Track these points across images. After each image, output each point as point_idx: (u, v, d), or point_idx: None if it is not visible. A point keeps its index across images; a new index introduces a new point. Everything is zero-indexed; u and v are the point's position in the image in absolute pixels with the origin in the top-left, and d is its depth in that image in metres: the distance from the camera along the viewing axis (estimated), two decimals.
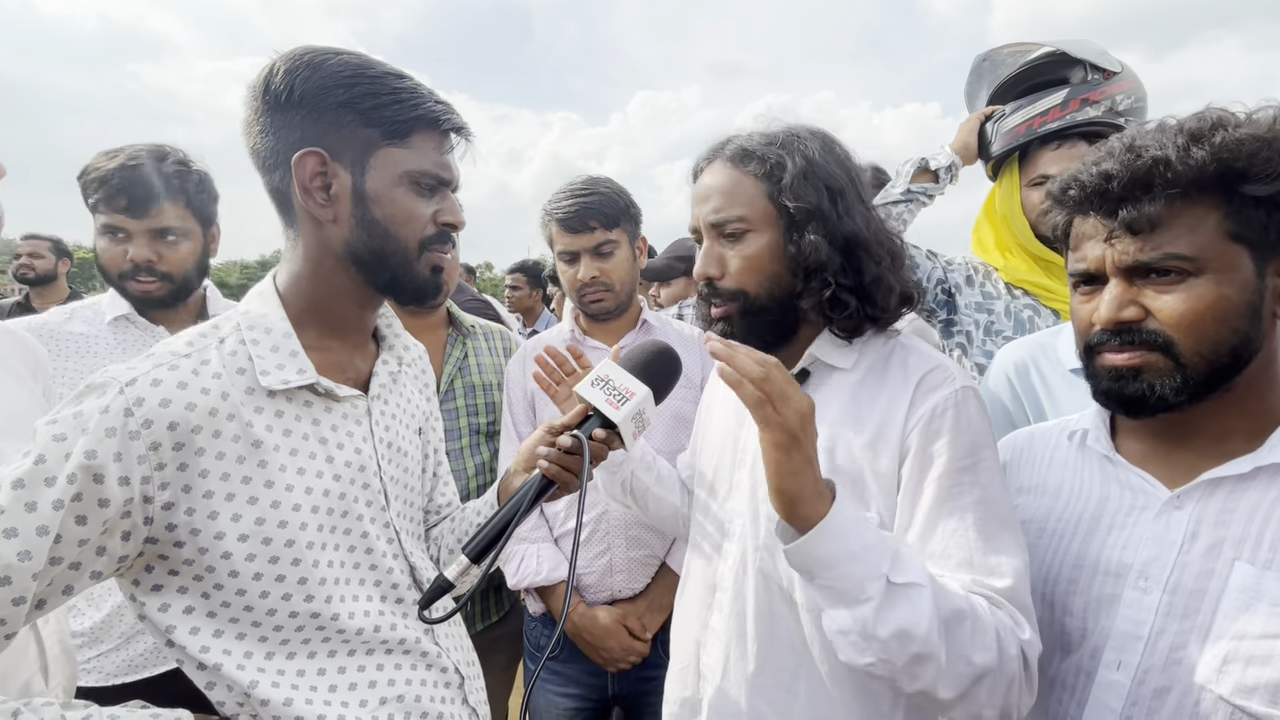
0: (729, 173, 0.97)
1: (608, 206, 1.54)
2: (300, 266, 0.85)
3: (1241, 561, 0.72)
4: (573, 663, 1.53)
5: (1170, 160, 0.70)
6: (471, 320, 1.76)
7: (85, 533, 0.67)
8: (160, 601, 0.74)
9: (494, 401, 1.68)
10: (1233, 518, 0.74)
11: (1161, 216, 0.72)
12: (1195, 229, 0.71)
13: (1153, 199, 0.71)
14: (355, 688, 0.81)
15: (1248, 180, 0.69)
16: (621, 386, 0.91)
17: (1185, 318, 0.72)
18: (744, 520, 1.00)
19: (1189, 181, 0.70)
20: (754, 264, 0.96)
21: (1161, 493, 0.79)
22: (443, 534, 1.07)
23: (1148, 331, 0.75)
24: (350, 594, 0.82)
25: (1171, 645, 0.74)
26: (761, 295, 0.96)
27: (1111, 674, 0.78)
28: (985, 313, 1.60)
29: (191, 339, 0.79)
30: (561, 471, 0.89)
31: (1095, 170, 0.76)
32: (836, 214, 0.93)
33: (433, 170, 0.84)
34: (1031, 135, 1.50)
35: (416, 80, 0.84)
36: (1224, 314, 0.71)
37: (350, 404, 0.87)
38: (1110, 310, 0.76)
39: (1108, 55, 1.50)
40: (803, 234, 0.93)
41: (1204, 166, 0.69)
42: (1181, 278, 0.72)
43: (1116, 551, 0.81)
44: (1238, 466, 0.74)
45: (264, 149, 0.81)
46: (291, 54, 0.80)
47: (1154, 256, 0.73)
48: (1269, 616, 0.68)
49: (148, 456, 0.69)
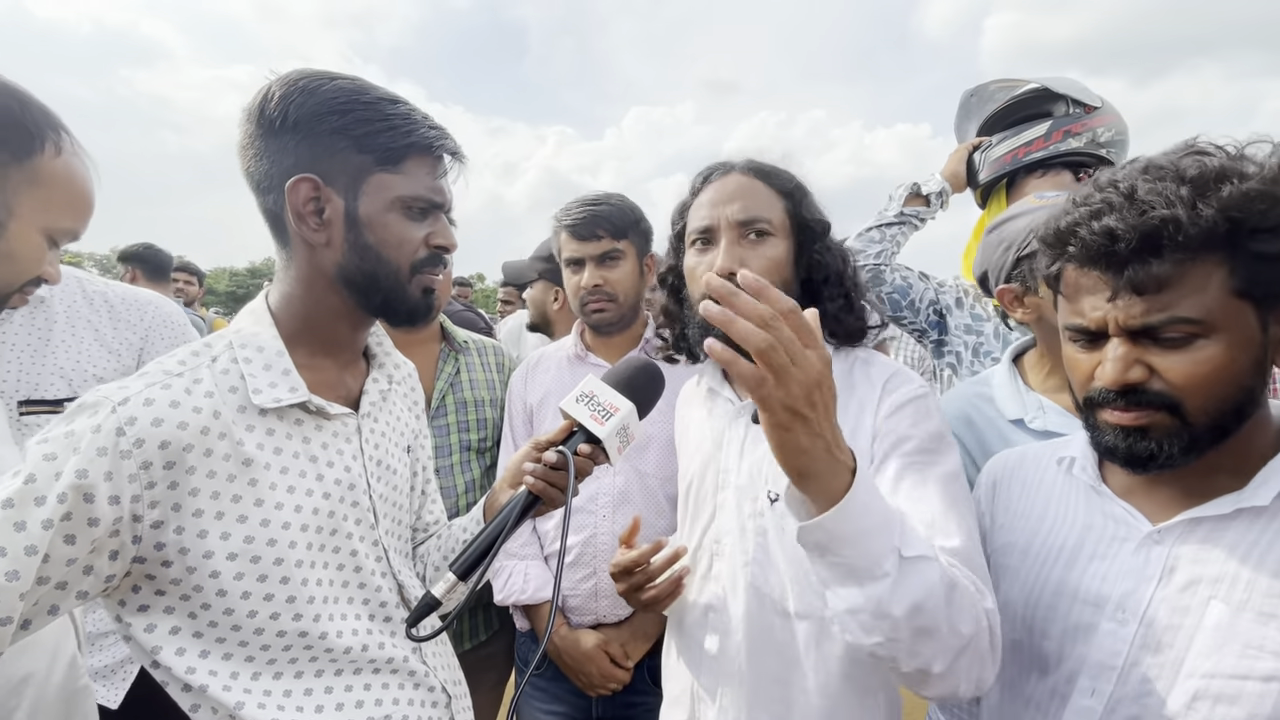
0: (750, 181, 1.04)
1: (617, 217, 1.55)
2: (293, 287, 0.86)
3: (1217, 600, 0.72)
4: (559, 680, 1.52)
5: (1181, 221, 0.67)
6: (465, 335, 1.75)
7: (74, 552, 0.67)
8: (146, 622, 0.74)
9: (486, 418, 1.67)
10: (1211, 557, 0.74)
11: (1169, 277, 0.68)
12: (1203, 288, 0.68)
13: (1161, 260, 0.68)
14: (342, 707, 0.81)
15: (1256, 237, 0.67)
16: (606, 402, 0.92)
17: (1193, 380, 0.70)
18: (732, 539, 1.01)
19: (1199, 241, 0.67)
20: (775, 266, 1.01)
21: (1143, 526, 0.80)
22: (429, 551, 1.07)
23: (1154, 393, 0.72)
24: (338, 612, 0.83)
25: (1144, 677, 0.75)
26: None
27: (1085, 700, 0.79)
28: (974, 334, 1.64)
29: (184, 358, 0.79)
30: (547, 487, 0.89)
31: (1098, 226, 0.71)
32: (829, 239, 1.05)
33: (425, 195, 0.85)
34: (1017, 164, 1.57)
35: (411, 105, 0.85)
36: (1232, 375, 0.70)
37: (341, 422, 0.87)
38: (1117, 373, 0.73)
39: (1089, 91, 1.57)
40: (814, 248, 1.02)
41: (1215, 226, 0.66)
42: (1188, 340, 0.70)
43: (1096, 582, 0.81)
44: (1219, 507, 0.74)
45: (258, 173, 0.82)
46: (286, 79, 0.81)
47: (1161, 319, 0.69)
48: (1240, 657, 0.69)
49: (138, 475, 0.69)
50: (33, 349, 1.30)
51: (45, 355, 1.30)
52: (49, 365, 1.30)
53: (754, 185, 1.03)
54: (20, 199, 0.95)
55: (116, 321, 1.40)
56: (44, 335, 1.31)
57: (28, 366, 1.28)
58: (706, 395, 1.16)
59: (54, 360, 1.31)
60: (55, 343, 1.32)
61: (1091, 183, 0.77)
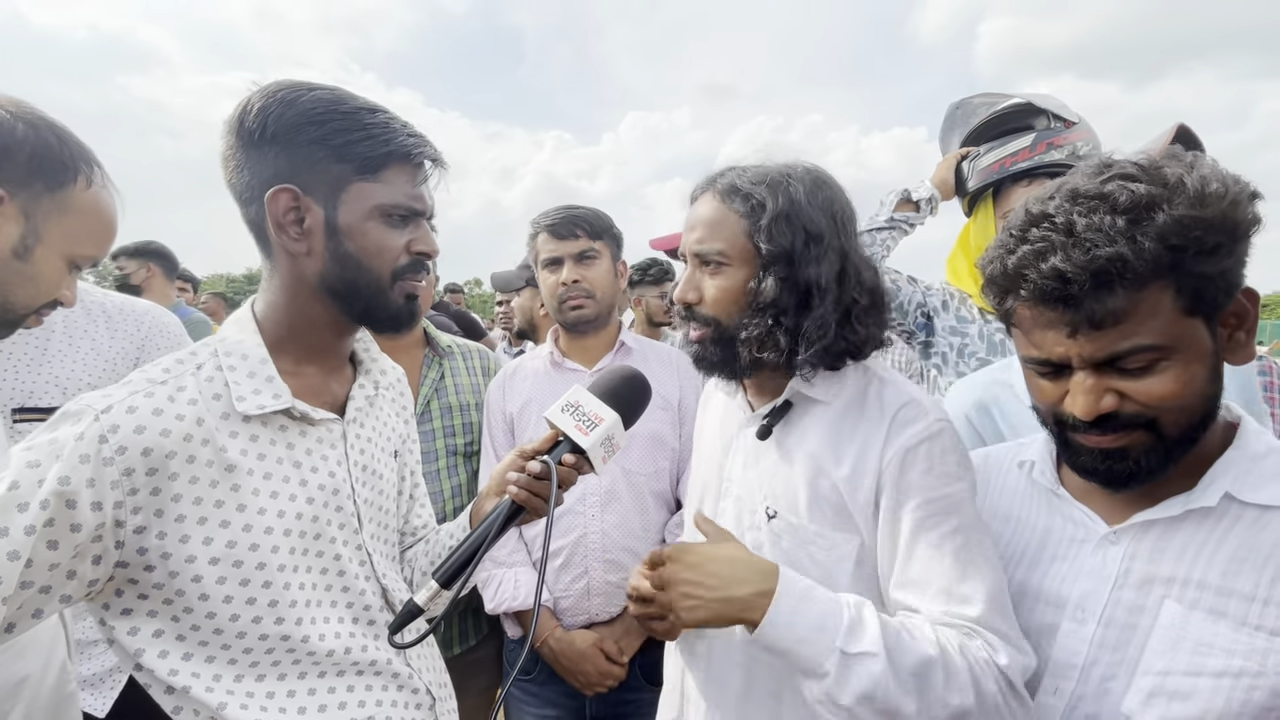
0: (716, 206, 1.00)
1: (593, 219, 1.64)
2: (277, 296, 0.87)
3: (1170, 600, 0.74)
4: (550, 684, 1.53)
5: (1127, 258, 0.68)
6: (449, 340, 1.76)
7: (56, 557, 0.68)
8: (130, 625, 0.75)
9: (471, 422, 1.68)
10: (1164, 557, 0.76)
11: (1125, 310, 0.70)
12: (1156, 313, 0.70)
13: (1114, 295, 0.70)
14: (325, 709, 0.82)
15: (1197, 260, 0.69)
16: (591, 412, 0.92)
17: (1164, 400, 0.72)
18: None
19: (1146, 273, 0.69)
20: (728, 296, 0.98)
21: (1100, 527, 0.82)
22: (417, 556, 1.08)
23: (1128, 416, 0.74)
24: (321, 616, 0.83)
25: (1103, 675, 0.77)
26: (732, 326, 0.99)
27: (1048, 698, 0.81)
28: (960, 336, 1.68)
29: (169, 365, 0.80)
30: (531, 497, 0.90)
31: (1045, 269, 0.72)
32: (808, 257, 0.95)
33: (405, 203, 0.86)
34: (1004, 174, 1.62)
35: (390, 114, 0.86)
36: (1197, 389, 0.72)
37: (325, 428, 0.88)
38: (1089, 405, 0.74)
39: (1067, 108, 1.64)
40: (767, 274, 0.95)
41: (1158, 258, 0.68)
42: (1153, 364, 0.72)
43: (1056, 583, 0.83)
44: (1169, 509, 0.77)
45: (240, 184, 0.83)
46: (266, 90, 0.82)
47: (1124, 348, 0.71)
48: (1192, 655, 0.71)
49: (121, 482, 0.70)
50: (29, 358, 1.31)
51: (42, 365, 1.32)
52: (44, 375, 1.31)
53: (719, 211, 0.99)
54: (49, 226, 1.03)
55: (114, 332, 1.43)
56: (41, 345, 1.33)
57: (24, 375, 1.30)
58: (726, 395, 1.15)
59: (50, 370, 1.32)
60: (52, 352, 1.34)
61: (1022, 212, 0.78)
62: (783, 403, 1.01)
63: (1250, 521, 0.73)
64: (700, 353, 1.03)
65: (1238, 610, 0.71)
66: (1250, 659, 0.68)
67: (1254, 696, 0.67)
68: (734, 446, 1.08)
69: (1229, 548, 0.73)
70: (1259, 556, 0.72)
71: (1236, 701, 0.68)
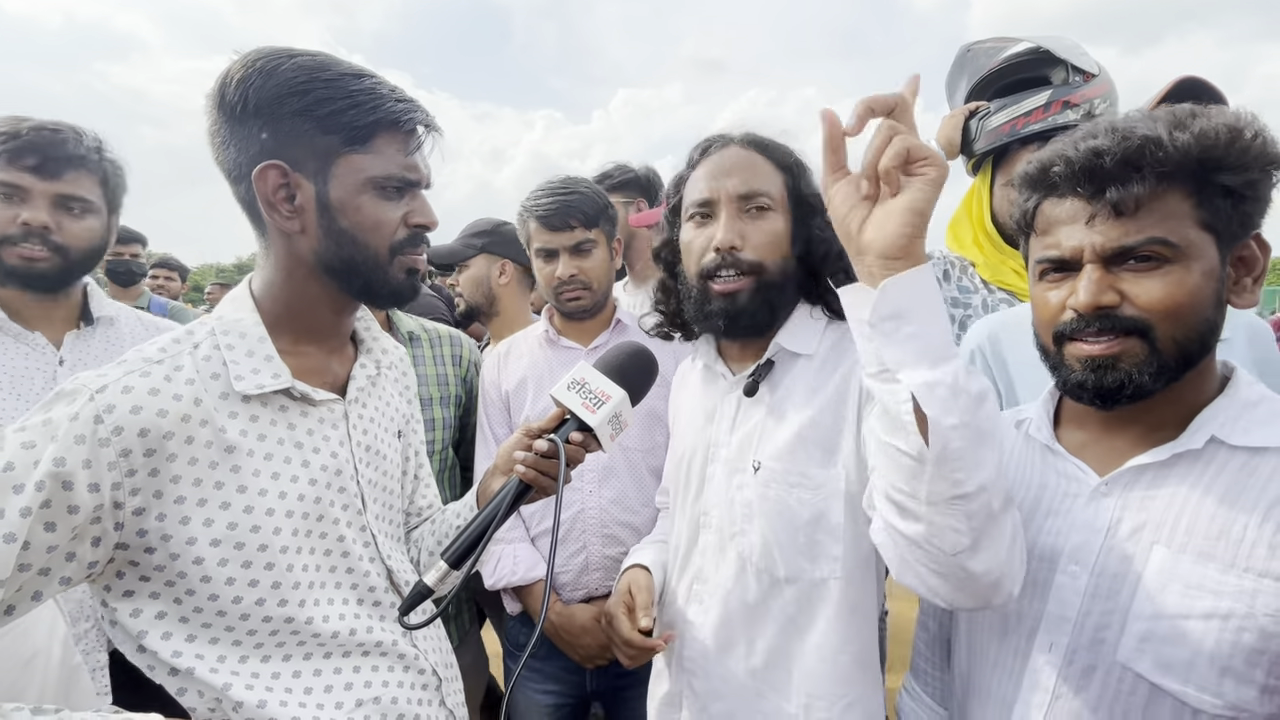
0: (750, 155, 1.03)
1: (588, 206, 1.56)
2: (273, 274, 0.84)
3: (1159, 545, 0.75)
4: (551, 660, 1.54)
5: (1162, 140, 0.71)
6: (413, 326, 1.65)
7: (54, 539, 0.67)
8: (132, 607, 0.74)
9: (434, 418, 1.58)
10: (1153, 504, 0.77)
11: (1146, 199, 0.72)
12: (1174, 214, 0.72)
13: (1141, 179, 0.72)
14: (331, 689, 0.81)
15: (1221, 169, 0.71)
16: (597, 390, 0.91)
17: (1164, 303, 0.73)
18: (719, 510, 1.02)
19: (1175, 165, 0.71)
20: (775, 240, 1.01)
21: (1092, 480, 0.82)
22: (423, 536, 1.07)
23: (1125, 318, 0.74)
24: (325, 597, 0.83)
25: (1096, 625, 0.78)
26: (774, 272, 1.01)
27: (1044, 654, 0.81)
28: (961, 307, 1.62)
29: (165, 345, 0.78)
30: (539, 476, 0.89)
31: (1085, 146, 0.75)
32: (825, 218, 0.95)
33: (398, 173, 0.82)
34: (1015, 135, 1.52)
35: (377, 79, 0.82)
36: (1199, 302, 0.73)
37: (327, 408, 0.86)
38: (1091, 295, 0.74)
39: (1087, 55, 1.53)
40: (814, 224, 1.00)
41: (1189, 150, 0.71)
42: (1159, 264, 0.73)
43: (1051, 537, 0.84)
44: (1158, 454, 0.77)
45: (228, 161, 0.79)
46: (245, 60, 0.78)
47: (1138, 240, 0.73)
48: (1181, 597, 0.72)
49: (118, 463, 0.69)
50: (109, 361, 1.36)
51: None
52: None
53: (753, 158, 1.02)
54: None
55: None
56: (117, 349, 1.41)
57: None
58: (702, 372, 1.16)
59: None
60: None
61: (1072, 131, 0.81)
62: (765, 361, 1.04)
63: (1239, 465, 0.74)
64: (729, 307, 1.01)
65: (1226, 552, 0.71)
66: (1239, 600, 0.69)
67: (1243, 639, 0.68)
68: (719, 413, 1.09)
69: (1218, 491, 0.74)
70: (1248, 499, 0.72)
71: (1226, 643, 0.69)
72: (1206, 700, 0.70)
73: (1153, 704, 0.73)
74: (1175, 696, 0.71)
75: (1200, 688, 0.70)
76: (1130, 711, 0.74)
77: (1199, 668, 0.70)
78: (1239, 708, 0.69)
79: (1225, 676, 0.69)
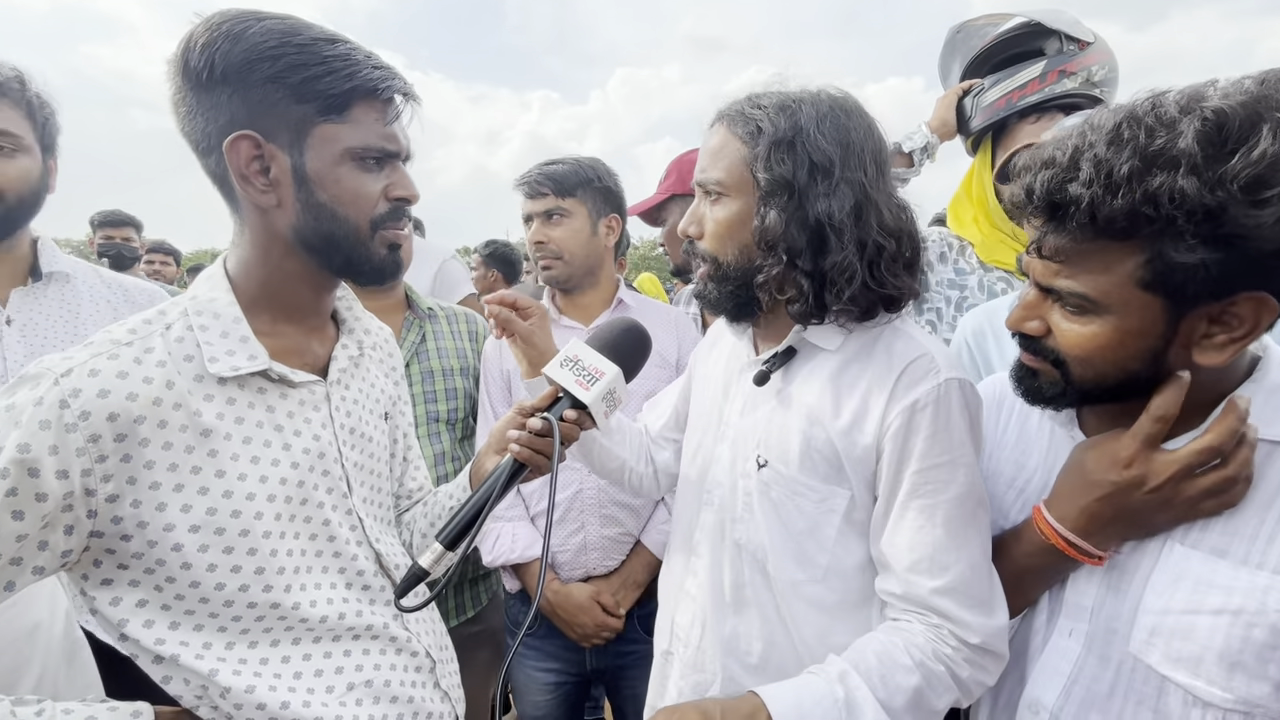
0: (722, 134, 0.94)
1: (567, 176, 1.54)
2: (248, 251, 0.81)
3: (1172, 540, 0.74)
4: (551, 638, 1.54)
5: (1086, 205, 0.65)
6: (431, 302, 1.67)
7: (23, 528, 0.64)
8: (112, 595, 0.72)
9: (455, 388, 1.60)
10: None
11: (1069, 252, 0.69)
12: (1108, 270, 0.67)
13: (1062, 233, 0.68)
14: (321, 674, 0.80)
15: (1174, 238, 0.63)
16: (591, 367, 0.89)
17: (1075, 350, 0.73)
18: (723, 491, 1.00)
19: (1102, 226, 0.65)
20: (724, 229, 0.92)
21: None
22: (415, 518, 1.05)
23: (1045, 347, 0.76)
24: (311, 582, 0.81)
25: (1109, 615, 0.77)
26: (731, 264, 0.93)
27: (1064, 640, 0.81)
28: (958, 289, 1.60)
29: (135, 326, 0.75)
30: (533, 455, 0.87)
31: (1026, 179, 0.71)
32: (815, 191, 0.86)
33: (377, 144, 0.78)
34: (1011, 109, 1.48)
35: (353, 44, 0.78)
36: (1114, 356, 0.71)
37: (307, 390, 0.84)
38: (1014, 320, 0.78)
39: (1080, 25, 1.49)
40: (768, 206, 0.87)
41: (1114, 218, 0.63)
42: (1080, 312, 0.71)
43: None
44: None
45: (195, 132, 0.75)
46: (209, 22, 0.73)
47: (1061, 285, 0.71)
48: (1191, 593, 0.71)
49: (87, 449, 0.66)
50: (65, 321, 1.35)
51: (76, 328, 1.35)
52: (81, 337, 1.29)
53: (724, 139, 0.93)
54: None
55: (132, 305, 1.45)
56: (73, 309, 1.37)
57: (63, 337, 1.33)
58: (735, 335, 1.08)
59: (85, 333, 1.33)
60: (84, 317, 1.38)
61: (1085, 117, 0.73)
62: (785, 349, 0.95)
63: (1260, 459, 0.71)
64: (700, 291, 0.98)
65: (1239, 549, 0.70)
66: (1250, 597, 0.67)
67: (1254, 635, 0.67)
68: (733, 390, 1.04)
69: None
70: (1265, 494, 0.70)
71: (1236, 639, 0.68)
72: (1216, 694, 0.69)
73: (1164, 695, 0.72)
74: (1185, 689, 0.70)
75: (1210, 681, 0.69)
76: (1143, 701, 0.74)
77: (1208, 662, 0.69)
78: (1251, 703, 0.68)
79: (1235, 671, 0.68)
